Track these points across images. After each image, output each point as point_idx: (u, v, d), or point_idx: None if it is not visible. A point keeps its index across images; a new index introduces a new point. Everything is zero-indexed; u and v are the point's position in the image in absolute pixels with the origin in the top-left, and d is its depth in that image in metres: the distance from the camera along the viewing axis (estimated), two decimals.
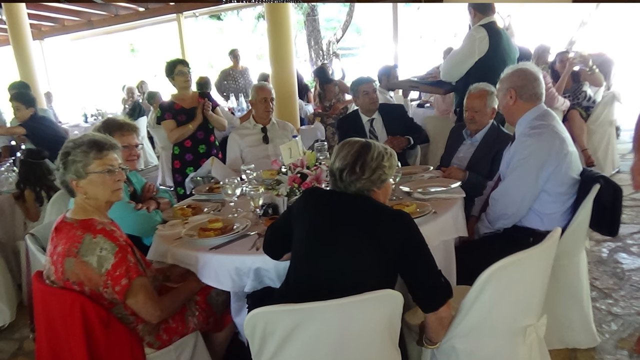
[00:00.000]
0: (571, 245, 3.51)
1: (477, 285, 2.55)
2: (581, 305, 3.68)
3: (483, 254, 2.93)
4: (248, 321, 2.38)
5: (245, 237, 3.36)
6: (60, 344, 2.80)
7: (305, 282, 2.65)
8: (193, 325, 3.20)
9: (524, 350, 2.71)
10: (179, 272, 3.45)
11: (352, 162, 2.64)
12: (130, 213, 3.67)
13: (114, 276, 2.74)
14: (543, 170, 3.57)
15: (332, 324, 2.35)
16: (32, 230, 3.61)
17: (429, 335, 2.72)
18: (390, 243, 2.50)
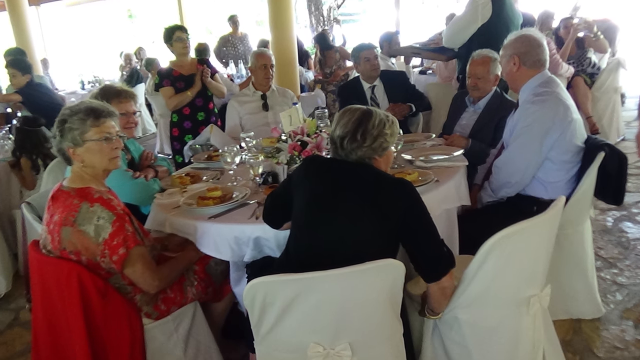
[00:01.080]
0: (575, 214, 3.48)
1: (480, 255, 2.52)
2: (585, 275, 3.67)
3: (486, 223, 2.88)
4: (247, 291, 2.36)
5: (244, 206, 3.33)
6: (56, 314, 2.79)
7: (306, 252, 2.63)
8: (191, 295, 3.19)
9: (528, 321, 2.69)
10: (177, 242, 3.43)
11: (353, 130, 2.60)
12: (128, 181, 3.63)
13: (112, 245, 2.72)
14: (547, 137, 3.53)
15: (333, 294, 2.32)
16: (28, 199, 3.60)
17: (431, 306, 2.70)
18: (391, 212, 2.47)
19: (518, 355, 2.70)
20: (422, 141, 4.53)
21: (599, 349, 3.49)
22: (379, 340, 2.50)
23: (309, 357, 2.42)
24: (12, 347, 4.27)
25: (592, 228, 3.79)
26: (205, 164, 4.52)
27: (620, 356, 3.42)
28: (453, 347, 2.74)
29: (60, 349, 2.83)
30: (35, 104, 6.71)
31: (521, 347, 2.70)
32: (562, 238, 3.28)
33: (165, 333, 3.05)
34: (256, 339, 2.53)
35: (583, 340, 3.58)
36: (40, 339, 2.91)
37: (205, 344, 3.27)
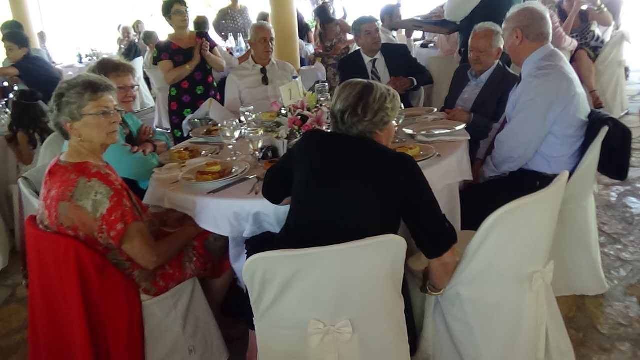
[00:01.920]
0: (579, 189, 3.47)
1: (482, 231, 2.51)
2: (589, 250, 3.66)
3: (488, 198, 2.86)
4: (247, 267, 2.35)
5: (244, 181, 3.31)
6: (54, 290, 2.78)
7: (306, 227, 2.62)
8: (190, 271, 3.17)
9: (531, 297, 2.68)
10: (176, 217, 3.41)
11: (354, 104, 2.57)
12: (126, 156, 3.61)
13: (110, 221, 2.70)
14: (550, 112, 3.51)
15: (334, 270, 2.31)
16: (25, 174, 3.57)
17: (432, 282, 2.70)
18: (393, 187, 2.46)
19: (521, 332, 2.70)
20: (424, 115, 4.50)
21: (603, 325, 3.47)
22: (380, 316, 2.49)
23: (309, 334, 2.41)
24: (8, 324, 4.26)
25: (595, 203, 3.77)
26: (204, 139, 4.48)
27: (624, 333, 3.41)
28: (455, 324, 2.74)
29: (58, 325, 2.83)
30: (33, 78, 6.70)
31: (524, 324, 2.69)
32: (566, 213, 3.26)
33: (163, 309, 3.05)
34: (256, 315, 2.53)
35: (586, 317, 3.57)
36: (37, 315, 2.90)
37: (204, 321, 3.27)
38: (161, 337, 3.04)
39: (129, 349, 2.86)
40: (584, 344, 3.33)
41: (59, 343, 2.85)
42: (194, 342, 3.17)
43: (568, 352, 2.99)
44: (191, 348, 3.15)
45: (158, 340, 3.03)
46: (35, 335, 2.93)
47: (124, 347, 2.84)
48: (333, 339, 2.42)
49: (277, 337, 2.53)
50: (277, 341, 2.55)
